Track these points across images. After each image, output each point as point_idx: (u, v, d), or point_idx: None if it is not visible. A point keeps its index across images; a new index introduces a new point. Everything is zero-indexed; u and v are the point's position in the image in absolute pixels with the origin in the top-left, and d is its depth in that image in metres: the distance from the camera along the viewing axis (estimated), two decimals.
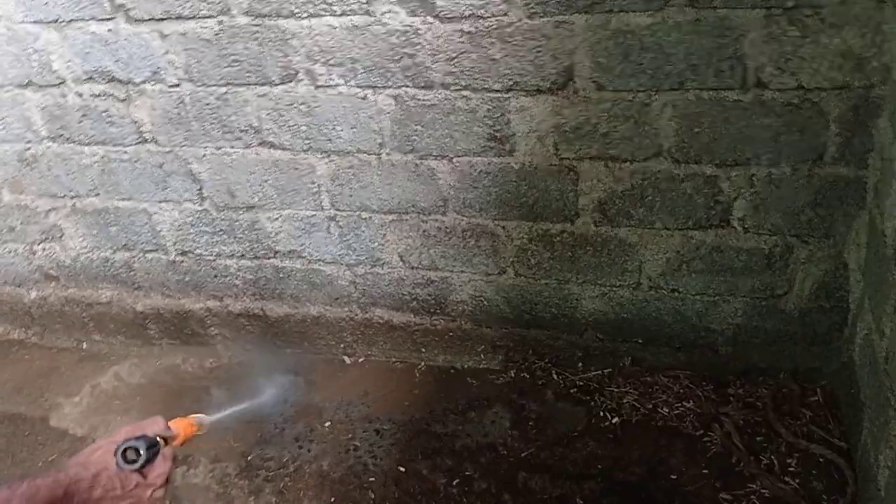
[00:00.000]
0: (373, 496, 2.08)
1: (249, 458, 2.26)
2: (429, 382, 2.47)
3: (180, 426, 1.13)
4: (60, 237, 2.62)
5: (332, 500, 2.10)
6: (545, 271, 2.24)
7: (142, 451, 0.99)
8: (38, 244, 2.66)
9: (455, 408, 2.34)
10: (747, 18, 1.75)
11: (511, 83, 1.97)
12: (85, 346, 2.83)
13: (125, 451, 0.99)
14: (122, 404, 2.53)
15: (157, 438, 1.04)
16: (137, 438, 1.00)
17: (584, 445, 2.14)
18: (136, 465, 0.99)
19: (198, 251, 2.53)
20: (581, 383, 2.34)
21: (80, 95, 2.29)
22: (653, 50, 1.82)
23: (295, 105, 2.15)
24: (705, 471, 2.00)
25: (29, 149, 2.45)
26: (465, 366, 2.48)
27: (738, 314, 2.13)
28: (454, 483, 2.08)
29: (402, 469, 2.15)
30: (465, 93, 2.01)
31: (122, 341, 2.79)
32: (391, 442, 2.25)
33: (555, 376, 2.37)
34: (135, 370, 2.70)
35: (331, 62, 2.05)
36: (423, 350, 2.50)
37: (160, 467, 1.03)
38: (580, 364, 2.36)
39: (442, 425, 2.28)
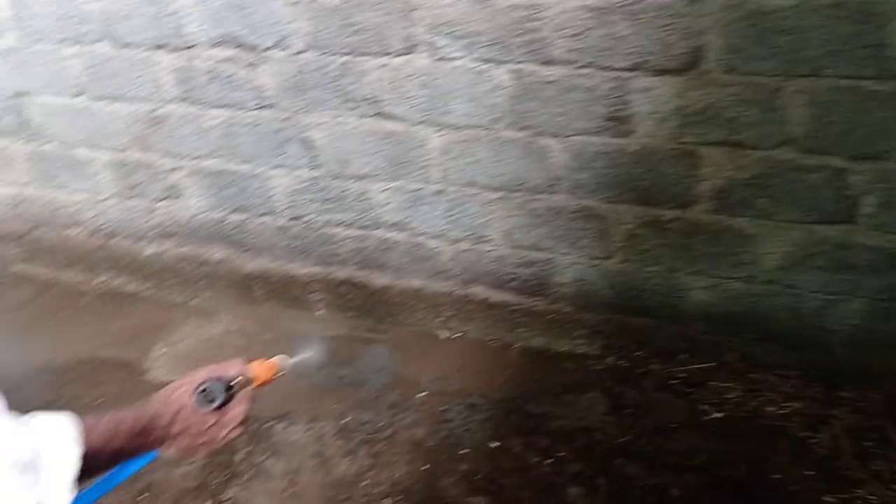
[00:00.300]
0: (465, 468, 2.10)
1: (346, 420, 2.31)
2: (524, 363, 2.46)
3: (260, 369, 1.15)
4: (180, 196, 2.73)
5: (425, 467, 2.12)
6: (654, 258, 2.20)
7: (219, 393, 1.01)
8: (159, 202, 2.79)
9: (550, 390, 2.32)
10: (892, 6, 1.66)
11: (635, 62, 1.94)
12: (194, 302, 2.95)
13: (203, 391, 1.01)
14: (224, 357, 2.63)
15: (236, 380, 1.06)
16: (216, 380, 1.03)
17: (684, 438, 2.10)
18: (213, 406, 1.01)
19: (307, 217, 2.60)
20: (683, 375, 2.29)
21: (209, 60, 2.38)
22: (789, 33, 1.76)
23: (414, 77, 2.17)
24: (810, 472, 1.93)
25: (158, 109, 2.56)
26: (563, 349, 2.46)
27: (857, 315, 2.04)
28: (547, 462, 2.08)
29: (495, 444, 2.16)
30: (586, 70, 1.99)
31: (229, 300, 2.90)
32: (485, 417, 2.26)
33: (655, 366, 2.32)
34: (238, 327, 2.80)
35: (452, 34, 2.06)
36: (521, 330, 2.50)
37: (236, 409, 1.04)
38: (683, 356, 2.31)
39: (536, 406, 2.27)
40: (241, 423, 1.05)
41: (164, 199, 2.77)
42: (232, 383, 1.03)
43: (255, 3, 2.22)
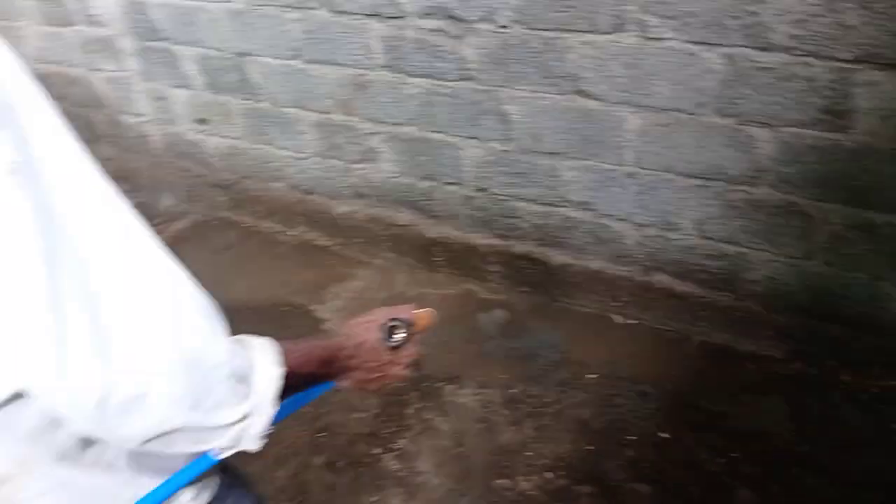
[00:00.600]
0: (631, 454, 2.08)
1: (514, 391, 2.36)
2: (701, 358, 2.39)
3: (421, 317, 1.19)
4: (375, 160, 2.87)
5: (590, 447, 2.13)
6: (858, 263, 2.06)
7: (403, 331, 1.06)
8: (356, 163, 2.94)
9: (728, 389, 2.25)
10: None
11: (862, 54, 1.81)
12: (377, 261, 3.09)
13: (391, 327, 1.05)
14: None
15: (413, 323, 1.10)
16: (401, 319, 1.07)
17: (869, 455, 1.97)
18: (396, 342, 1.05)
19: (494, 190, 2.64)
20: (875, 391, 2.14)
21: (418, 30, 2.47)
22: None
23: (619, 55, 2.15)
24: None
25: (364, 74, 2.69)
26: (746, 349, 2.36)
27: None
28: (718, 461, 2.02)
29: (664, 436, 2.13)
30: (807, 59, 1.88)
31: (409, 263, 3.02)
32: (655, 407, 2.23)
33: (846, 378, 2.19)
34: (416, 289, 2.91)
35: (665, 14, 2.02)
36: (701, 324, 2.42)
37: (409, 349, 1.08)
38: (878, 370, 2.15)
39: (711, 403, 2.21)
40: (412, 365, 1.09)
41: (361, 161, 2.92)
42: (412, 325, 1.08)
43: None
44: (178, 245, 3.50)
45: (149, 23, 3.16)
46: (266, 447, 0.83)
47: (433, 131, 2.66)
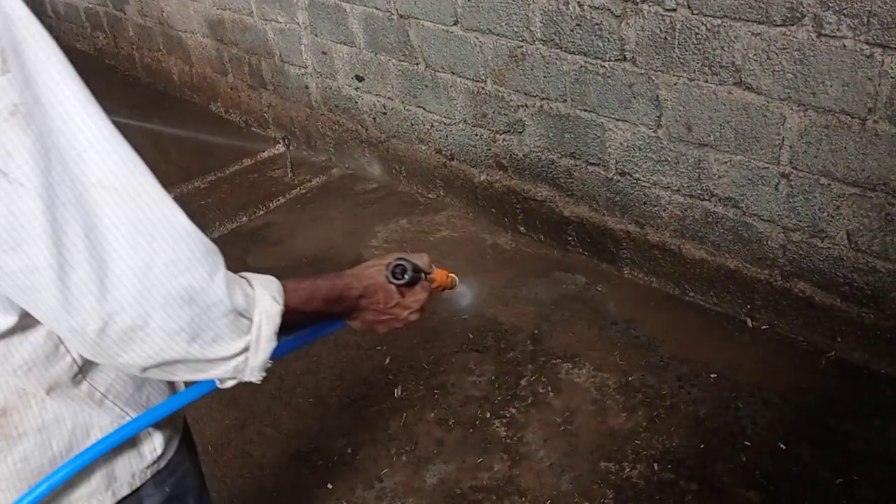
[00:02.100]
0: (744, 459, 2.04)
1: (630, 378, 2.35)
2: (834, 374, 2.29)
3: (440, 273, 1.19)
4: (521, 132, 2.89)
5: (702, 446, 2.10)
6: None
7: (408, 270, 1.05)
8: (501, 134, 2.98)
9: (858, 409, 2.14)
10: None
11: None
12: (509, 235, 3.13)
13: (395, 266, 1.05)
14: (527, 291, 2.79)
15: (423, 269, 1.10)
16: (410, 262, 1.07)
17: None
18: (401, 282, 1.06)
19: (636, 175, 2.61)
20: None
21: (581, 6, 2.46)
22: None
23: (788, 50, 2.06)
24: None
25: (521, 47, 2.71)
26: (884, 370, 2.24)
27: None
28: (837, 482, 1.94)
29: (782, 446, 2.06)
30: None
31: (540, 239, 3.04)
32: (777, 416, 2.16)
33: None
34: (544, 266, 2.93)
35: (844, 11, 1.91)
36: (839, 339, 2.31)
37: (418, 294, 1.09)
38: None
39: (838, 421, 2.12)
40: (419, 310, 1.10)
41: (506, 132, 2.95)
42: (419, 269, 1.09)
43: None
44: (324, 194, 3.70)
45: None
46: (381, 397, 0.88)
47: (582, 110, 2.65)
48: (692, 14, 2.21)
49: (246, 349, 0.81)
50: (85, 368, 0.87)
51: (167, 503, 1.00)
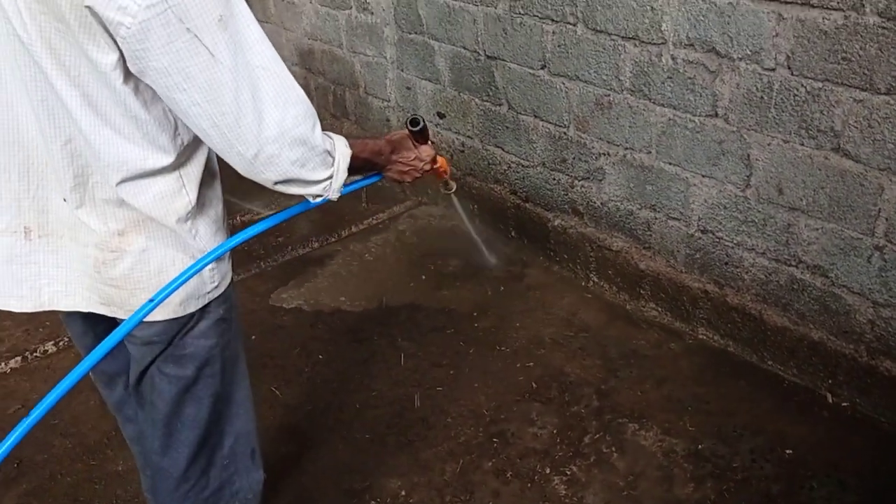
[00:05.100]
0: None
1: (700, 446, 2.25)
2: None
3: (443, 159, 1.68)
4: (600, 180, 2.85)
5: None
6: None
7: (422, 120, 1.53)
8: (580, 180, 2.93)
9: None
10: None
11: None
12: (582, 283, 3.07)
13: (411, 119, 1.52)
14: (593, 345, 2.71)
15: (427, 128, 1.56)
16: (420, 116, 1.52)
17: None
18: (417, 128, 1.52)
19: (719, 233, 2.53)
20: None
21: (674, 59, 2.41)
22: None
23: (891, 119, 1.97)
24: None
25: (608, 95, 2.68)
26: None
27: None
28: None
29: None
30: None
31: (613, 291, 2.97)
32: (854, 499, 2.04)
33: None
34: (615, 320, 2.86)
35: None
36: None
37: (428, 150, 1.56)
38: None
39: None
40: (431, 162, 1.57)
41: (585, 178, 2.91)
42: (426, 125, 1.54)
43: (742, 13, 2.19)
44: (392, 223, 3.69)
45: (415, 16, 3.35)
46: (439, 440, 0.89)
47: (667, 162, 2.59)
48: (792, 75, 2.14)
49: (331, 176, 1.26)
50: (193, 211, 1.27)
51: (220, 321, 1.41)
